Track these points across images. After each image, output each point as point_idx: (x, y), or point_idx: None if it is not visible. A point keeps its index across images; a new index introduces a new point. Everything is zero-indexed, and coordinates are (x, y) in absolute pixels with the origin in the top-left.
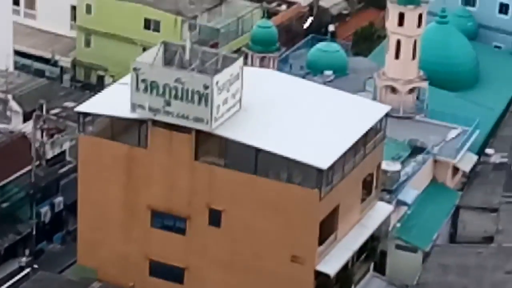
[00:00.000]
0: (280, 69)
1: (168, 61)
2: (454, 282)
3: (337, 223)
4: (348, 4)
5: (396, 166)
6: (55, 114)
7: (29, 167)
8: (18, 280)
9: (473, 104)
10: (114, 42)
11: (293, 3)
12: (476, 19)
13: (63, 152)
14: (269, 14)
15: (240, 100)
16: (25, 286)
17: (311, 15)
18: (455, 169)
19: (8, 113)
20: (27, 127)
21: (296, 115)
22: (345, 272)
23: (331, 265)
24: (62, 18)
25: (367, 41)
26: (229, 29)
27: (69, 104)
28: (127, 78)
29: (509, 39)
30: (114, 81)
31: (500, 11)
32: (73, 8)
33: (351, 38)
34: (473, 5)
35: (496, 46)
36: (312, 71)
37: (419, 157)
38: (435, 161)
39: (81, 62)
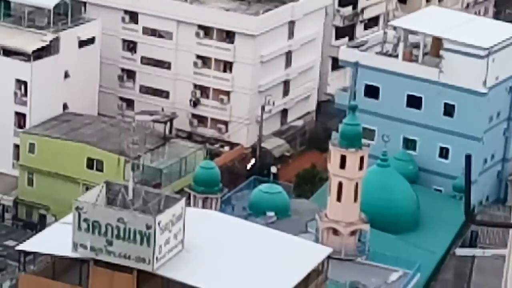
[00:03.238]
0: (222, 210)
1: (110, 201)
2: None
3: None
4: (290, 146)
5: None
6: None
7: None
8: None
9: (414, 247)
10: (57, 181)
11: (236, 145)
12: (416, 162)
13: None
14: (211, 155)
15: (182, 240)
16: None
17: (254, 157)
18: None
19: None
20: None
21: (238, 257)
22: None
23: None
24: (5, 157)
25: (309, 183)
26: (172, 170)
27: (10, 243)
28: (69, 217)
29: (449, 183)
30: (56, 220)
31: (440, 155)
32: (16, 147)
33: (293, 180)
34: (414, 149)
35: (436, 190)
36: (255, 212)
37: None
38: None
39: (23, 200)
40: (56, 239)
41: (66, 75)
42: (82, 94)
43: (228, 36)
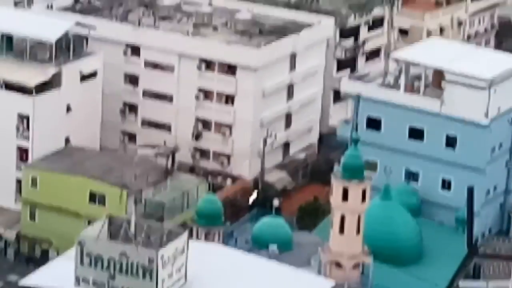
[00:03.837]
0: (225, 243)
1: (113, 235)
2: None
3: None
4: (292, 179)
5: None
6: None
7: None
8: None
9: (418, 279)
10: (59, 216)
11: (238, 178)
12: (419, 194)
13: None
14: (214, 189)
15: (185, 274)
16: None
17: (256, 190)
18: None
19: None
20: None
21: None
22: None
23: None
24: (7, 191)
25: (312, 216)
26: (174, 203)
27: (12, 277)
28: (72, 252)
29: (452, 215)
30: (58, 254)
31: (443, 187)
32: (18, 181)
33: (296, 212)
34: (416, 181)
35: (439, 222)
36: (257, 245)
37: None
38: None
39: (25, 235)
40: (58, 274)
41: (68, 109)
42: (84, 128)
43: (230, 69)
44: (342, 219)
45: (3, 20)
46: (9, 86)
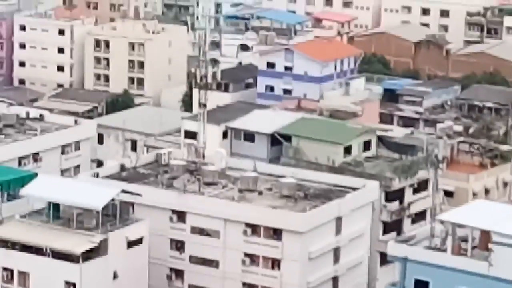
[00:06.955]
0: None
1: None
2: None
3: None
4: None
5: None
6: None
7: None
8: None
9: None
10: None
11: None
12: None
13: None
14: None
15: None
16: None
17: None
18: None
19: None
20: None
21: None
22: None
23: None
24: None
25: None
26: None
27: None
28: None
29: None
30: None
31: None
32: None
33: None
34: None
35: None
36: None
37: None
38: None
39: None
40: None
41: (115, 276)
42: None
43: (276, 233)
44: None
45: (50, 188)
46: (56, 254)
